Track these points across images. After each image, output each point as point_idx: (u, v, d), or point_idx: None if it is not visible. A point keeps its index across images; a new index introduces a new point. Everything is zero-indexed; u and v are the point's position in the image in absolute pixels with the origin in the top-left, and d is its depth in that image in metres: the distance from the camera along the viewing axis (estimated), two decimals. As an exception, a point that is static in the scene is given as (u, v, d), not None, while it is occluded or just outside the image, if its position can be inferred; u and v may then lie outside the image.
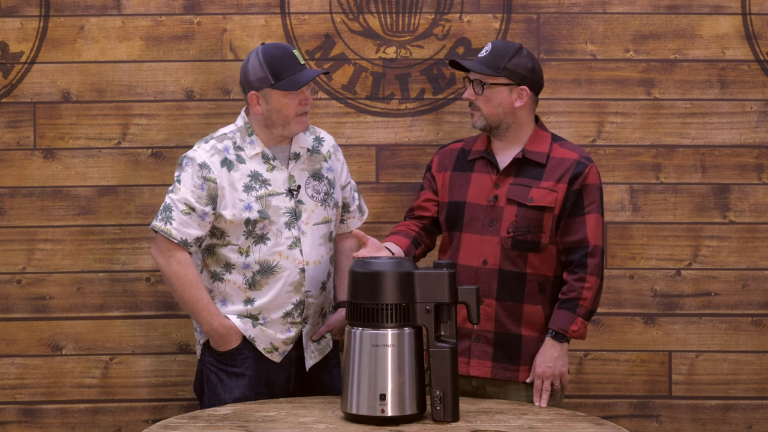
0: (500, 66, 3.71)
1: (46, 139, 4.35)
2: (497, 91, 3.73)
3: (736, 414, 4.41)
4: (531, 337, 3.72)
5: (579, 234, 3.70)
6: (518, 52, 3.74)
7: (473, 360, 3.73)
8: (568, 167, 3.72)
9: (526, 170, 3.75)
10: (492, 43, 3.78)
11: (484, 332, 3.73)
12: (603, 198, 3.79)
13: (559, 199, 3.70)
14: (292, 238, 3.76)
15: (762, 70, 4.37)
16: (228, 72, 4.36)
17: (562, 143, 3.80)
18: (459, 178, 3.83)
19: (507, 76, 3.72)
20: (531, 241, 3.70)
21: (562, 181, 3.71)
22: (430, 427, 3.27)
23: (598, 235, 3.71)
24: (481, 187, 3.78)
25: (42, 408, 4.38)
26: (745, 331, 4.40)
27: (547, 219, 3.70)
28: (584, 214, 3.71)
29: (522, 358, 3.71)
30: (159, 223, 3.71)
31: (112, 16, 4.34)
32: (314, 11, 4.38)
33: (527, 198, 3.71)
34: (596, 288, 3.69)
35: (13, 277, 4.36)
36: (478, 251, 3.75)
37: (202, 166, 3.72)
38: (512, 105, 3.74)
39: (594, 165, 3.75)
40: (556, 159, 3.74)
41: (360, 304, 3.30)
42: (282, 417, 3.39)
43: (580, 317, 3.66)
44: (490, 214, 3.75)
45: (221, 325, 3.74)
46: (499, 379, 3.73)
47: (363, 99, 4.39)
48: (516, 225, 3.71)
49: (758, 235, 4.40)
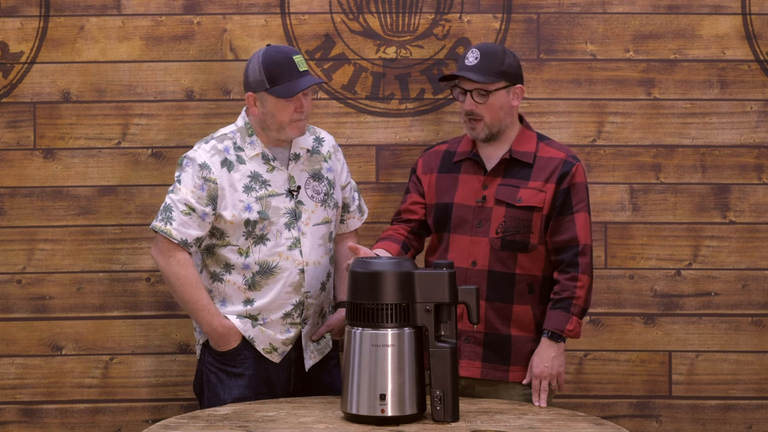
0: (498, 70, 3.70)
1: (46, 139, 4.35)
2: (499, 96, 3.72)
3: (736, 414, 4.40)
4: (520, 337, 3.72)
5: (569, 233, 3.70)
6: (506, 52, 3.74)
7: (463, 360, 3.73)
8: (556, 166, 3.72)
9: (514, 170, 3.75)
10: (477, 49, 3.74)
11: (473, 333, 3.73)
12: (589, 196, 3.79)
13: (547, 199, 3.71)
14: (291, 239, 3.75)
15: (762, 70, 4.37)
16: (228, 72, 4.35)
17: (548, 142, 3.80)
18: (445, 180, 3.83)
19: (505, 79, 3.71)
20: (520, 242, 3.71)
21: (550, 181, 3.71)
22: (430, 427, 3.27)
23: (588, 234, 3.72)
24: (469, 189, 3.78)
25: (42, 408, 4.38)
26: (745, 331, 4.40)
27: (536, 219, 3.71)
28: (573, 213, 3.71)
29: (512, 359, 3.72)
30: (159, 224, 3.71)
31: (112, 16, 4.34)
32: (314, 11, 4.38)
33: (516, 198, 3.71)
34: (588, 286, 3.70)
35: (13, 277, 4.36)
36: (467, 252, 3.75)
37: (202, 166, 3.71)
38: (511, 106, 3.75)
39: (580, 163, 3.75)
40: (543, 158, 3.74)
41: (360, 304, 3.30)
42: (282, 417, 3.39)
43: (574, 316, 3.67)
44: (478, 215, 3.75)
45: (221, 325, 3.74)
46: (489, 379, 3.73)
47: (363, 99, 4.39)
48: (505, 225, 3.71)
49: (758, 235, 4.40)
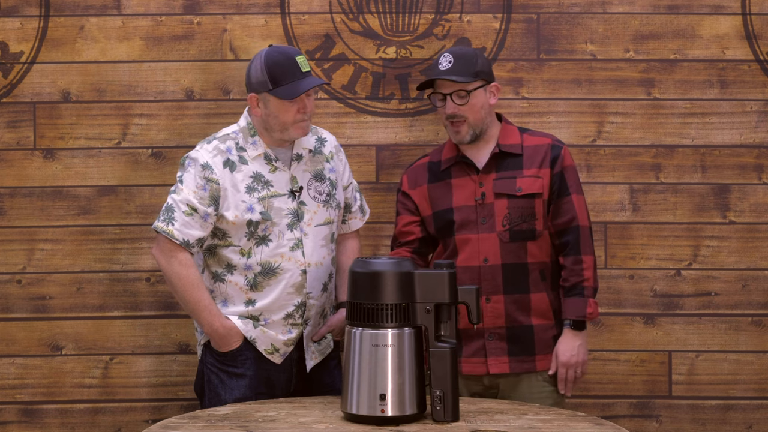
0: (474, 71, 3.74)
1: (46, 139, 4.35)
2: (478, 95, 3.76)
3: (736, 414, 4.41)
4: (542, 325, 3.78)
5: (569, 214, 3.78)
6: (476, 53, 3.79)
7: (490, 358, 3.76)
8: (546, 152, 3.79)
9: (505, 163, 3.80)
10: (450, 53, 3.76)
11: (495, 329, 3.76)
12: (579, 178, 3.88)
13: (545, 184, 3.78)
14: (294, 240, 3.75)
15: (762, 70, 4.37)
16: (228, 72, 4.35)
17: (530, 132, 3.88)
18: (438, 189, 3.85)
19: (482, 78, 3.76)
20: (527, 230, 3.76)
21: (543, 166, 3.78)
22: (430, 427, 3.27)
23: (585, 214, 3.80)
24: (466, 190, 3.80)
25: (42, 408, 4.38)
26: (745, 331, 4.40)
27: (538, 205, 3.77)
28: (570, 194, 3.79)
29: (537, 348, 3.77)
30: (161, 224, 3.71)
31: (112, 16, 4.34)
32: (314, 11, 4.38)
33: (515, 189, 3.76)
34: (593, 265, 3.78)
35: (13, 277, 4.36)
36: (477, 251, 3.76)
37: (204, 166, 3.71)
38: (489, 104, 3.80)
39: (566, 146, 3.84)
40: (531, 147, 3.81)
41: (360, 304, 3.30)
42: (282, 417, 3.38)
43: (590, 298, 3.75)
44: (481, 213, 3.78)
45: (222, 325, 3.73)
46: (516, 372, 3.77)
47: (363, 99, 4.39)
48: (510, 217, 3.76)
49: (758, 235, 4.40)
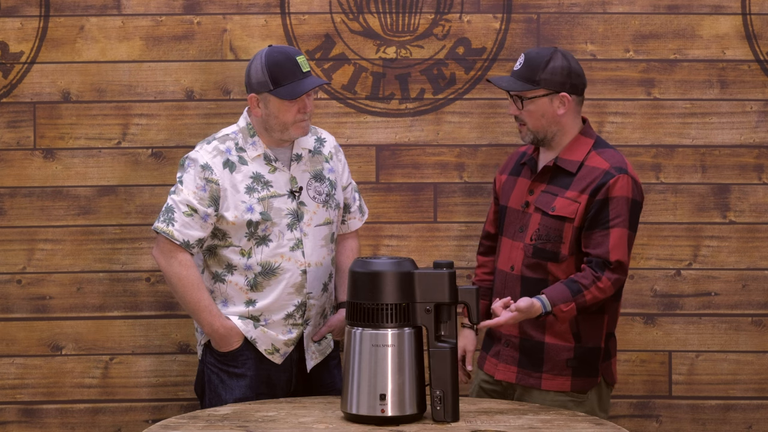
0: (535, 78, 3.60)
1: (46, 139, 4.35)
2: (538, 103, 3.62)
3: (736, 414, 4.41)
4: (556, 345, 3.64)
5: (601, 248, 3.54)
6: (552, 58, 3.62)
7: (501, 365, 3.72)
8: (595, 177, 3.58)
9: (557, 178, 3.65)
10: (525, 54, 3.66)
11: (511, 337, 3.69)
12: (638, 212, 3.61)
13: (579, 210, 3.58)
14: (294, 240, 3.75)
15: (762, 70, 4.37)
16: (228, 72, 4.35)
17: (602, 151, 3.65)
18: (509, 182, 3.80)
19: (544, 87, 3.61)
20: (550, 251, 3.62)
21: (585, 192, 3.58)
22: (430, 427, 3.27)
23: (623, 251, 3.53)
24: (519, 193, 3.74)
25: (42, 408, 4.38)
26: (745, 331, 4.40)
27: (567, 230, 3.59)
28: (609, 228, 3.54)
29: (545, 366, 3.65)
30: (161, 225, 3.71)
31: (112, 16, 4.34)
32: (314, 11, 4.38)
33: (550, 207, 3.62)
34: (604, 295, 3.55)
35: (13, 277, 4.36)
36: (508, 257, 3.72)
37: (204, 167, 3.71)
38: (555, 114, 3.64)
39: (626, 176, 3.57)
40: (588, 168, 3.61)
41: (360, 304, 3.30)
42: (282, 417, 3.38)
43: (573, 303, 3.51)
44: (521, 220, 3.70)
45: (222, 326, 3.73)
46: (523, 385, 3.69)
47: (363, 99, 4.39)
48: (538, 233, 3.63)
49: (758, 235, 4.40)
